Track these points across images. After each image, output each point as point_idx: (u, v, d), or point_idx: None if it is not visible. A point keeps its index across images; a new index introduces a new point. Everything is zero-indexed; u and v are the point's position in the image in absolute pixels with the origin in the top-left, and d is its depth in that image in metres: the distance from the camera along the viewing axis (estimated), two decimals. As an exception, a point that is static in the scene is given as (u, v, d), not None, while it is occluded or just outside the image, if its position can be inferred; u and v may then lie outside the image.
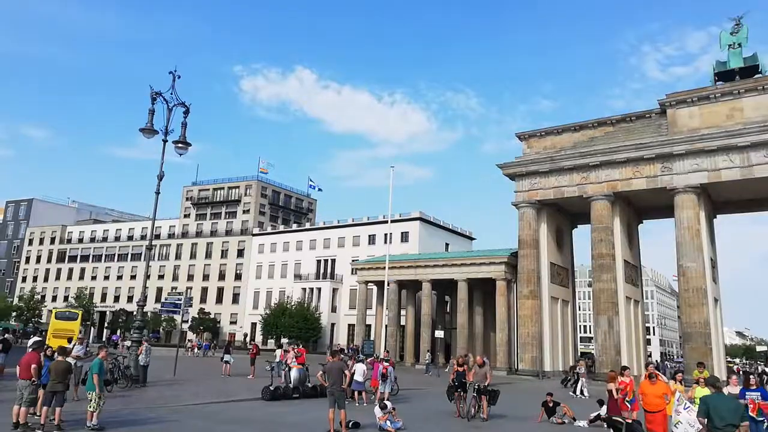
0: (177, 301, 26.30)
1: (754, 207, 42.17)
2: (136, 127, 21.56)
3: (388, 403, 14.07)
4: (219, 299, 77.83)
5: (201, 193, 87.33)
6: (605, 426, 12.24)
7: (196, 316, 71.52)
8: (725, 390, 10.86)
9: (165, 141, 21.05)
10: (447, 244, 66.20)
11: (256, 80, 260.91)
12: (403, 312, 52.83)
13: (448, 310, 55.22)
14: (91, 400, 11.61)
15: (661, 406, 10.91)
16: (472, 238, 73.44)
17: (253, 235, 78.00)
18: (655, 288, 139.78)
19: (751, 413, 10.33)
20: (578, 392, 25.96)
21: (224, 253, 79.59)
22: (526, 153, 42.90)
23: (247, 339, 68.89)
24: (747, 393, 10.81)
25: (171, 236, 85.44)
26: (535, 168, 41.13)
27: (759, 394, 10.73)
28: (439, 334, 41.90)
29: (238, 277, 77.46)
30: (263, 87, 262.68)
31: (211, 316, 74.28)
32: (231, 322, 75.83)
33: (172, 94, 21.19)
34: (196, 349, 52.43)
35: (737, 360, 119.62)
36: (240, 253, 78.12)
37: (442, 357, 47.70)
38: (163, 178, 21.31)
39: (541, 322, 40.49)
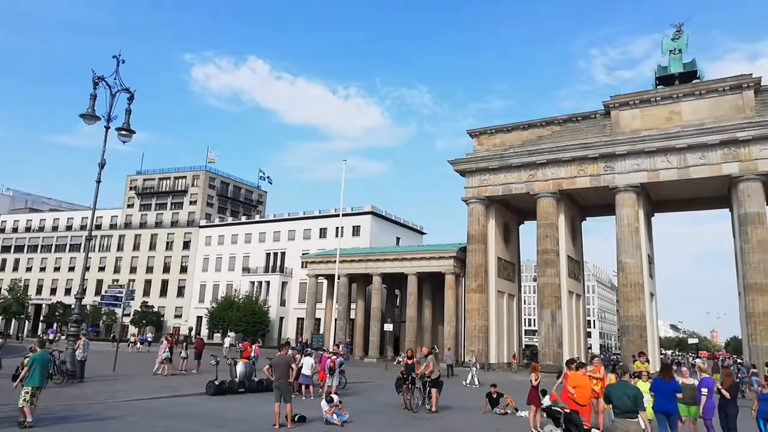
0: (118, 294, 25.31)
1: (689, 207, 44.36)
2: (77, 113, 20.49)
3: (335, 397, 14.03)
4: (163, 292, 75.68)
5: (146, 182, 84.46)
6: (545, 416, 12.59)
7: (139, 309, 69.38)
8: (680, 380, 11.48)
9: (107, 128, 20.22)
10: (398, 239, 66.59)
11: (207, 69, 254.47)
12: (353, 305, 52.84)
13: (397, 304, 55.62)
14: (29, 396, 11.09)
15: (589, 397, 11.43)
16: (422, 233, 74.13)
17: (200, 226, 76.12)
18: (596, 283, 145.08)
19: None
20: (468, 382, 26.66)
21: (169, 245, 77.35)
22: (477, 150, 43.57)
23: (192, 333, 67.29)
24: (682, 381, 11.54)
25: (113, 227, 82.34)
26: (484, 165, 41.82)
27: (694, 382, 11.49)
28: (389, 327, 42.18)
29: (183, 269, 75.48)
30: (214, 76, 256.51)
31: (155, 309, 72.19)
32: (176, 316, 73.86)
33: (115, 79, 20.39)
34: (139, 344, 50.81)
35: (669, 352, 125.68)
36: (186, 245, 76.11)
37: (391, 350, 48.04)
38: (105, 167, 20.49)
39: (487, 315, 41.32)
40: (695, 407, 11.38)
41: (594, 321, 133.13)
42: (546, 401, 12.91)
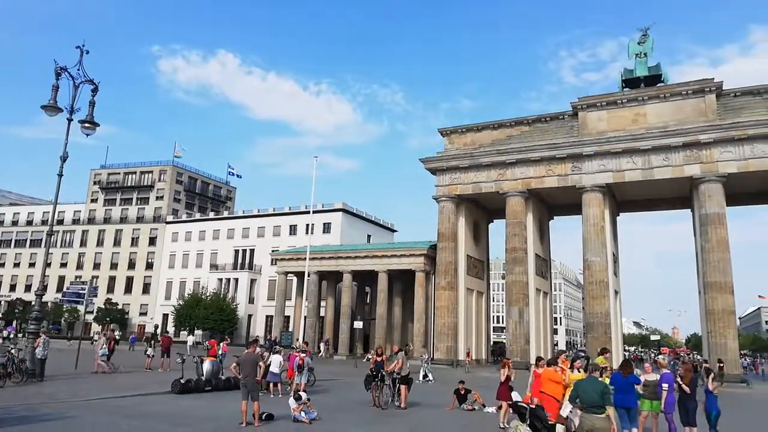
0: (80, 291, 24.66)
1: (653, 207, 45.49)
2: (38, 104, 19.74)
3: (303, 394, 13.95)
4: (128, 289, 74.13)
5: (111, 176, 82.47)
6: (512, 411, 12.77)
7: (102, 306, 67.80)
8: (643, 377, 11.76)
9: (70, 120, 19.65)
10: (369, 236, 66.57)
11: (175, 61, 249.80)
12: (323, 303, 52.64)
13: (368, 301, 55.63)
14: None
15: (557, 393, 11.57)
16: (393, 231, 74.29)
17: (167, 222, 74.74)
18: (563, 281, 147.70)
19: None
20: (421, 377, 26.97)
21: (135, 241, 75.75)
22: (448, 148, 43.82)
23: (158, 330, 66.07)
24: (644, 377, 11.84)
25: (76, 222, 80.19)
26: (455, 163, 42.10)
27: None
28: (358, 324, 42.14)
29: (149, 266, 74.03)
30: (183, 69, 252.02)
31: (119, 306, 70.62)
32: (141, 314, 72.45)
33: (79, 70, 19.82)
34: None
35: (633, 348, 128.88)
36: (152, 241, 74.67)
37: (360, 347, 48.05)
38: (68, 160, 19.90)
39: (457, 312, 41.63)
40: (657, 402, 11.69)
41: (560, 318, 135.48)
42: (515, 396, 13.09)
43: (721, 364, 30.54)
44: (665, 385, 11.47)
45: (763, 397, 26.97)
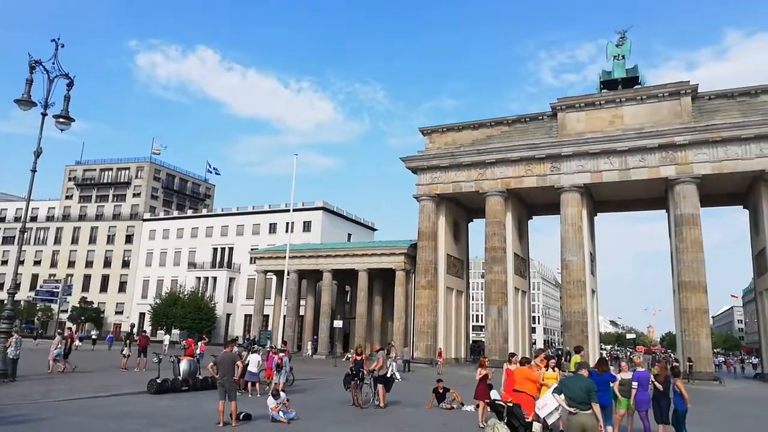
0: (54, 289, 24.27)
1: (629, 207, 46.21)
2: (11, 98, 19.13)
3: (282, 394, 13.87)
4: (104, 288, 72.96)
5: (86, 173, 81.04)
6: (489, 410, 12.84)
7: (77, 305, 66.63)
8: (620, 376, 11.92)
9: (44, 114, 19.23)
10: (349, 235, 66.45)
11: (154, 56, 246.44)
12: (302, 302, 52.40)
13: (348, 300, 55.51)
14: None
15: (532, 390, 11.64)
16: (374, 229, 74.25)
17: (144, 220, 73.70)
18: (541, 280, 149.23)
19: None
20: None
21: (111, 239, 74.56)
22: (429, 148, 43.94)
23: (134, 330, 65.16)
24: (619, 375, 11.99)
25: (50, 219, 78.65)
26: (436, 163, 42.23)
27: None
28: (338, 323, 42.05)
29: (125, 264, 72.94)
30: (161, 64, 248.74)
31: (94, 305, 69.44)
32: (117, 312, 71.36)
33: (54, 63, 19.39)
34: (77, 342, 48.68)
35: (609, 347, 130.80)
36: (129, 238, 73.56)
37: (340, 346, 47.94)
38: (42, 156, 19.47)
39: (436, 311, 41.79)
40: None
41: (538, 317, 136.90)
42: (494, 394, 13.15)
43: (691, 363, 31.24)
44: (635, 384, 11.66)
45: (734, 394, 27.58)
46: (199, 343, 27.85)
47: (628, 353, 76.05)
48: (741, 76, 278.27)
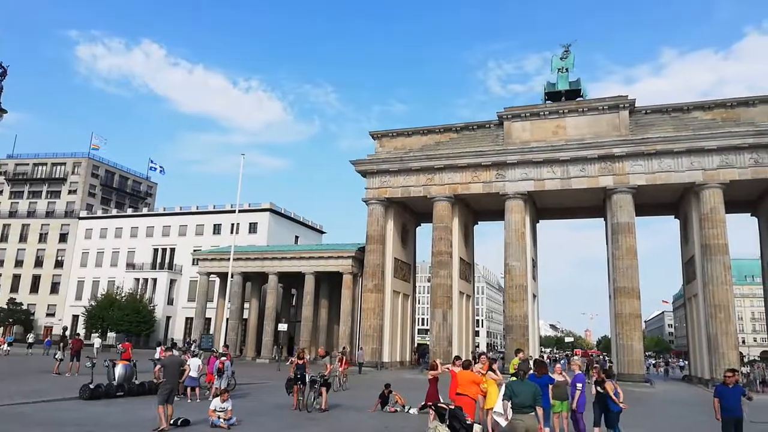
0: (-22, 290, 22.77)
1: (570, 215, 47.83)
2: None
3: (227, 404, 13.46)
4: (34, 288, 69.31)
5: (18, 167, 76.82)
6: (433, 412, 12.94)
7: (5, 306, 63.02)
8: (555, 377, 12.21)
9: (-29, 103, 18.11)
10: (297, 237, 65.75)
11: (95, 48, 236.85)
12: (246, 305, 51.44)
13: (293, 303, 54.87)
14: None
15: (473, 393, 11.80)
16: (322, 232, 73.79)
17: (80, 218, 70.52)
18: (486, 284, 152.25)
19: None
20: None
21: (43, 237, 70.97)
22: (379, 152, 44.08)
23: (67, 332, 62.21)
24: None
25: (-24, 215, 74.05)
26: (385, 167, 42.40)
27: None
28: (283, 327, 41.47)
29: (59, 264, 69.54)
30: (103, 56, 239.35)
31: (24, 307, 65.78)
32: (48, 314, 67.86)
33: (-17, 49, 18.28)
34: (5, 346, 45.99)
35: (548, 350, 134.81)
36: (63, 237, 70.20)
37: (285, 350, 47.28)
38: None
39: (383, 314, 41.87)
40: (567, 402, 12.23)
41: (482, 320, 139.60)
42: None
43: (610, 364, 32.97)
44: (579, 385, 12.01)
45: (663, 395, 28.92)
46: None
47: (569, 356, 78.54)
48: (676, 92, 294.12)
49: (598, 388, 11.76)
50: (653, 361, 70.66)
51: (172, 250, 64.67)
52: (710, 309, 33.36)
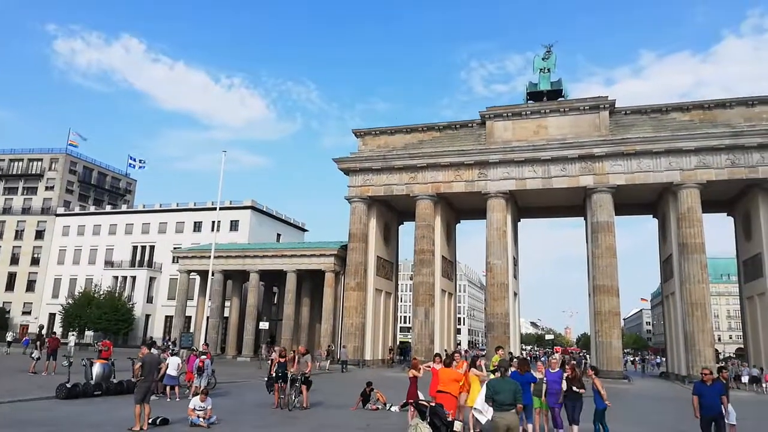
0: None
1: (551, 214, 48.25)
2: None
3: (206, 404, 13.34)
4: (10, 286, 67.99)
5: (-7, 163, 75.22)
6: (412, 409, 12.97)
7: (-21, 305, 61.71)
8: (537, 375, 12.35)
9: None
10: (279, 235, 65.36)
11: (74, 43, 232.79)
12: (227, 303, 51.03)
13: (275, 301, 54.58)
14: None
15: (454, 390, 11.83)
16: (304, 230, 73.44)
17: (57, 215, 69.28)
18: (467, 282, 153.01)
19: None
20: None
21: (19, 234, 69.62)
22: (362, 150, 44.03)
23: (44, 331, 61.12)
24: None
25: (-51, 211, 72.35)
26: (368, 165, 42.37)
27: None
28: (264, 325, 41.22)
29: (35, 261, 68.29)
30: (82, 51, 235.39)
31: (-1, 305, 64.56)
32: (24, 312, 66.65)
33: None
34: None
35: (529, 347, 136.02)
36: (39, 234, 68.92)
37: (265, 349, 46.97)
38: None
39: (365, 313, 41.86)
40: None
41: (464, 318, 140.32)
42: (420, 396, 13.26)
43: (585, 361, 33.38)
44: (542, 377, 12.23)
45: (640, 391, 29.37)
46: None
47: (549, 354, 79.39)
48: (655, 94, 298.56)
49: (574, 387, 11.88)
50: (630, 358, 71.65)
51: (152, 248, 63.89)
52: (687, 307, 33.96)
